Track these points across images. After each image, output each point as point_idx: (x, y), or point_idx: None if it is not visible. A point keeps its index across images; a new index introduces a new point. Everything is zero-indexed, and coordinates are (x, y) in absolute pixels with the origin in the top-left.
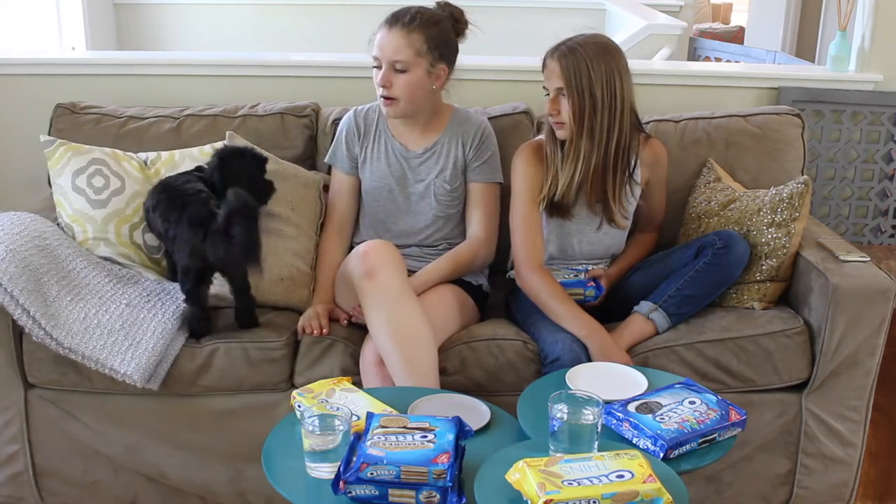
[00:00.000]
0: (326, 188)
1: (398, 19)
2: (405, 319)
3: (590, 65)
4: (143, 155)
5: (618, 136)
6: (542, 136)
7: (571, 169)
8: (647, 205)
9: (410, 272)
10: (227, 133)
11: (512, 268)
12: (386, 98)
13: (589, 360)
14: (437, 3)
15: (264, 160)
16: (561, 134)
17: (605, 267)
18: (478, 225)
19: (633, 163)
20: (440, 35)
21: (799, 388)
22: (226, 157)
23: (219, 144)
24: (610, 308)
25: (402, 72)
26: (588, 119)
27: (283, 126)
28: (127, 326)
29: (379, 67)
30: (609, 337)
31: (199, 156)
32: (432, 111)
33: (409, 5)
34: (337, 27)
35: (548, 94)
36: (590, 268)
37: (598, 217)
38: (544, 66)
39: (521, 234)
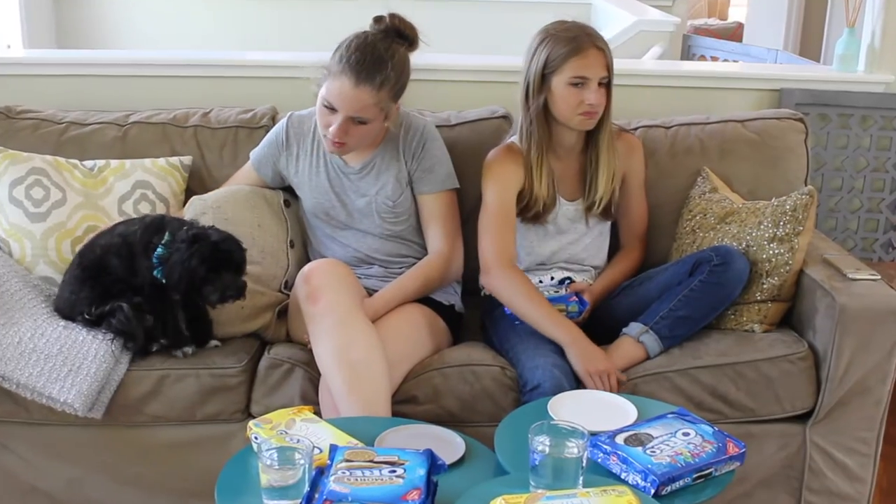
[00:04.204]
0: (287, 203)
1: (368, 77)
2: (351, 345)
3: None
4: (90, 163)
5: None
6: (513, 140)
7: (606, 160)
8: (626, 208)
9: (374, 293)
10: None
11: None
12: (336, 142)
13: (573, 387)
14: (392, 30)
15: (229, 258)
16: (590, 124)
17: (589, 281)
18: (438, 239)
19: None
20: (405, 82)
21: (803, 418)
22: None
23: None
24: (596, 330)
25: (362, 123)
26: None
27: (237, 139)
28: (65, 350)
29: (331, 110)
30: (592, 343)
31: (151, 167)
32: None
33: (372, 51)
34: (297, 23)
35: (581, 84)
36: (572, 278)
37: (583, 215)
38: (577, 55)
39: (491, 230)
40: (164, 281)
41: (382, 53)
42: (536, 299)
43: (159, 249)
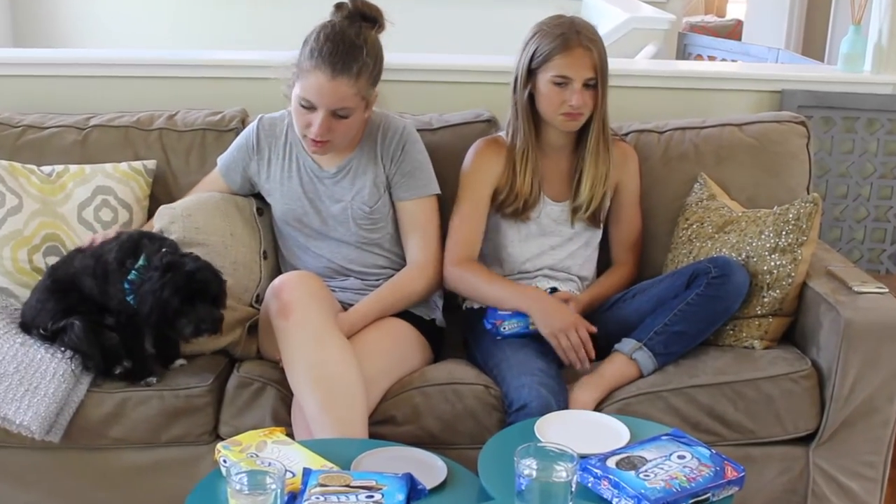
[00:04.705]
0: (260, 212)
1: (344, 67)
2: (325, 362)
3: (605, 49)
4: (47, 168)
5: None
6: (501, 134)
7: (595, 164)
8: (618, 220)
9: (350, 307)
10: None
11: (466, 298)
12: (318, 142)
13: (561, 406)
14: (357, 14)
15: (206, 288)
16: (573, 126)
17: (576, 292)
18: (417, 249)
19: None
20: (381, 67)
21: (806, 440)
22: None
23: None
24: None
25: (344, 117)
26: (605, 107)
27: (205, 143)
28: (22, 369)
29: (309, 108)
30: (553, 300)
31: (112, 172)
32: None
33: (343, 39)
34: (269, 21)
35: (564, 83)
36: (557, 288)
37: (569, 217)
38: (561, 53)
39: (453, 231)
40: (136, 308)
41: (354, 40)
42: (494, 280)
43: (132, 274)
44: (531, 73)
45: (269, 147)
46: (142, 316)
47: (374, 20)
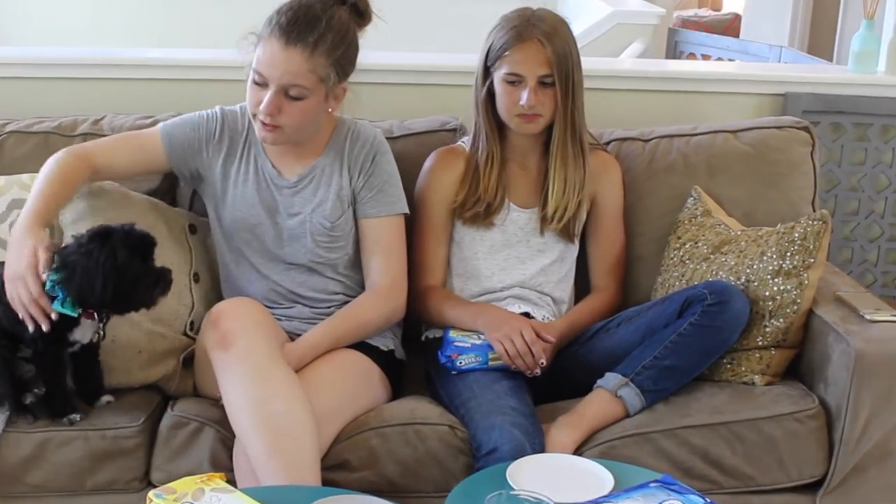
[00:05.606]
0: (193, 229)
1: (299, 36)
2: (270, 397)
3: (570, 43)
4: None
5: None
6: (461, 142)
7: (563, 169)
8: (596, 238)
9: (297, 337)
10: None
11: (428, 328)
12: (268, 125)
13: (536, 450)
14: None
15: (151, 244)
16: (529, 128)
17: (550, 318)
18: (379, 273)
19: None
20: (348, 51)
21: (812, 487)
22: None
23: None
24: (566, 379)
25: (297, 99)
26: (571, 108)
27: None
28: None
29: (262, 85)
30: (504, 311)
31: (29, 183)
32: (315, 130)
33: (306, 11)
34: (206, 17)
35: (516, 81)
36: (531, 314)
37: (538, 226)
38: (512, 48)
39: (421, 253)
40: (73, 309)
41: (318, 13)
42: (458, 303)
43: (52, 276)
44: (487, 70)
45: (230, 140)
46: (93, 298)
47: (355, 8)
